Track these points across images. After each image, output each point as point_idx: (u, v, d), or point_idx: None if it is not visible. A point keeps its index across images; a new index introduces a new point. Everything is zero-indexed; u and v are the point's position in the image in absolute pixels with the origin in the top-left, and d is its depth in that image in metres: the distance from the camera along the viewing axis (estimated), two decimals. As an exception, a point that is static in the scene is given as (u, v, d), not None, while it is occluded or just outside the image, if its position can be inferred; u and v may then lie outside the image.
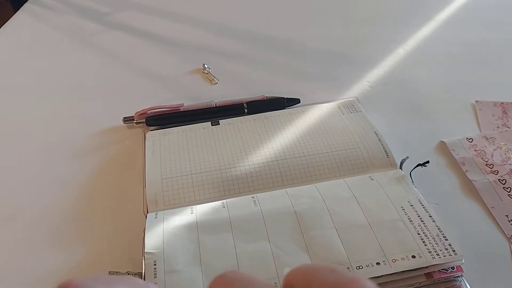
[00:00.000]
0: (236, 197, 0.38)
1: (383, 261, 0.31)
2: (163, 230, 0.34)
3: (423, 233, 0.33)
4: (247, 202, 0.36)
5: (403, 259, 0.31)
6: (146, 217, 0.36)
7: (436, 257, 0.31)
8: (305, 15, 0.71)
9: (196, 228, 0.34)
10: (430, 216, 0.34)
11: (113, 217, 0.39)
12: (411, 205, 0.35)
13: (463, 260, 0.31)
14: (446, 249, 0.31)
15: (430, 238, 0.32)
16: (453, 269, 0.31)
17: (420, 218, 0.34)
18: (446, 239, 0.32)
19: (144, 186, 0.40)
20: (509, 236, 0.35)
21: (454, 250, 0.31)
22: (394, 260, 0.31)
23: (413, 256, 0.31)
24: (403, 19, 0.69)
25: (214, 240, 0.33)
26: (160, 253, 0.32)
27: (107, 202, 0.40)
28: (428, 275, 0.31)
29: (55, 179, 0.43)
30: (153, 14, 0.75)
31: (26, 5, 0.79)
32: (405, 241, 0.32)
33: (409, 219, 0.34)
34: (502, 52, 0.59)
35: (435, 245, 0.32)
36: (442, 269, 0.31)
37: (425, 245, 0.32)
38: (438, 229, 0.33)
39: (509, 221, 0.36)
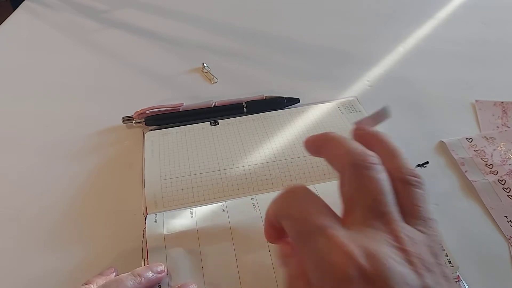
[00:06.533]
0: (235, 198, 0.38)
1: None
2: (164, 239, 0.34)
3: None
4: (246, 205, 0.36)
5: None
6: (145, 218, 0.37)
7: None
8: (304, 14, 0.71)
9: (197, 237, 0.34)
10: None
11: (113, 218, 0.39)
12: None
13: (458, 273, 0.31)
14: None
15: None
16: None
17: None
18: (443, 249, 0.32)
19: (143, 187, 0.40)
20: (508, 237, 0.35)
21: (450, 262, 0.31)
22: None
23: None
24: (403, 17, 0.69)
25: (215, 251, 0.33)
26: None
27: (107, 202, 0.40)
28: None
29: (54, 179, 0.43)
30: (151, 12, 0.75)
31: (24, 3, 0.79)
32: None
33: None
34: (502, 51, 0.59)
35: None
36: None
37: None
38: None
39: (508, 221, 0.36)
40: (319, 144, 0.24)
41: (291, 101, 0.50)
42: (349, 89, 0.53)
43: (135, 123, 0.48)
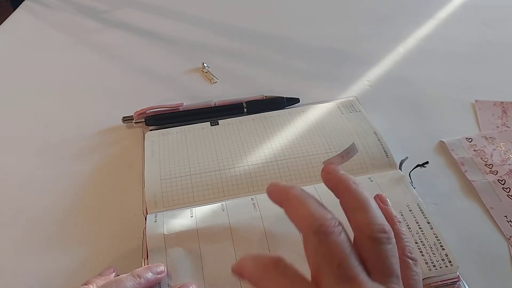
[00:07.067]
0: (235, 197, 0.38)
1: None
2: (164, 239, 0.34)
3: (421, 241, 0.33)
4: (246, 205, 0.36)
5: None
6: (145, 218, 0.37)
7: (433, 268, 0.31)
8: (304, 14, 0.71)
9: (197, 236, 0.34)
10: (428, 223, 0.34)
11: (113, 218, 0.39)
12: (410, 210, 0.35)
13: (457, 273, 0.31)
14: (443, 259, 0.32)
15: (428, 248, 0.32)
16: None
17: (418, 225, 0.34)
18: (443, 249, 0.32)
19: (143, 187, 0.40)
20: (508, 236, 0.35)
21: (450, 261, 0.31)
22: None
23: None
24: (403, 17, 0.69)
25: (215, 251, 0.33)
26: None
27: (106, 202, 0.40)
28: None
29: (54, 179, 0.43)
30: (152, 12, 0.75)
31: (24, 3, 0.79)
32: None
33: (407, 225, 0.34)
34: (502, 51, 0.59)
35: (432, 255, 0.32)
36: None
37: (422, 255, 0.32)
38: (436, 237, 0.33)
39: (508, 221, 0.37)
40: (281, 199, 0.25)
41: (291, 101, 0.50)
42: (349, 89, 0.53)
43: (135, 123, 0.48)
